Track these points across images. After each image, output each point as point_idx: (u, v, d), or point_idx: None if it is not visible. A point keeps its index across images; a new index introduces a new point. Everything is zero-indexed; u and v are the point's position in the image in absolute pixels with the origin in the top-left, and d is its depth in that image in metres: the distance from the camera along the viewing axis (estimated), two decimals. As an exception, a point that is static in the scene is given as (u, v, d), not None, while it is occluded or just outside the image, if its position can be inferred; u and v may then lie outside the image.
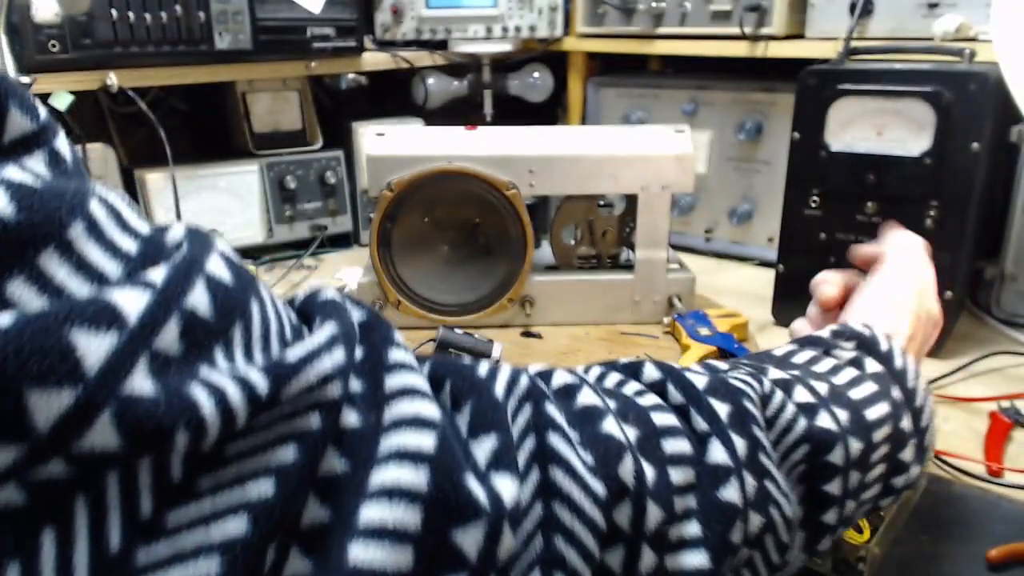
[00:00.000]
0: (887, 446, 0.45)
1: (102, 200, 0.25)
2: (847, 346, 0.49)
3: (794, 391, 0.43)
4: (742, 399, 0.40)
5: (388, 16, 1.32)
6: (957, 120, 0.82)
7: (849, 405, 0.44)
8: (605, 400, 0.37)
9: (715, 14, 1.17)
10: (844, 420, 0.43)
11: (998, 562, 0.56)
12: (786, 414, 0.41)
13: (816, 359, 0.48)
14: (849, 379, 0.46)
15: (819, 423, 0.42)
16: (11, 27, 0.87)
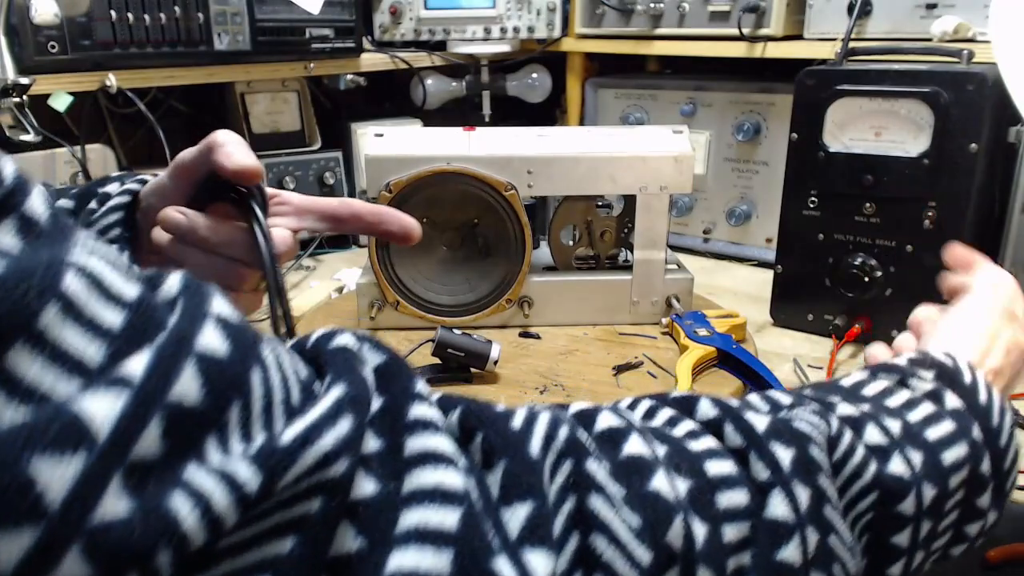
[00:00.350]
0: (963, 491, 0.41)
1: (80, 270, 0.22)
2: (926, 376, 0.44)
3: (865, 430, 0.39)
4: (807, 444, 0.36)
5: (387, 17, 1.32)
6: (955, 121, 0.82)
7: (925, 446, 0.40)
8: (654, 448, 0.33)
9: (713, 15, 1.17)
10: (918, 464, 0.39)
11: (997, 562, 0.56)
12: (855, 458, 0.37)
13: (890, 391, 0.44)
14: (925, 416, 0.42)
15: (891, 469, 0.38)
16: (10, 28, 0.87)
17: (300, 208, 0.56)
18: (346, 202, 0.56)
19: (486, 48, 1.36)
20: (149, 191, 0.55)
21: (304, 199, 0.57)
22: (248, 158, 0.50)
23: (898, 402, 0.42)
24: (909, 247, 0.88)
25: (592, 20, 1.31)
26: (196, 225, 0.51)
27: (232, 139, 0.51)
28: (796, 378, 0.85)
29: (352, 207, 0.56)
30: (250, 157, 0.50)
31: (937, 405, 0.42)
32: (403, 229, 0.56)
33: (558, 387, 0.78)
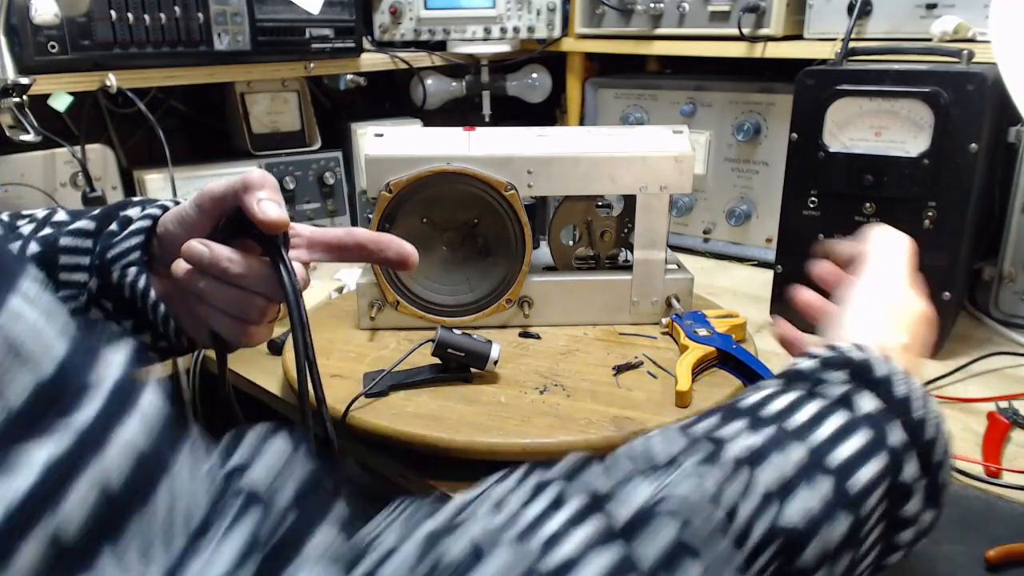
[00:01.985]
0: (884, 505, 0.38)
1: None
2: (838, 378, 0.42)
3: (761, 472, 0.36)
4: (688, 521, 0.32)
5: (387, 17, 1.32)
6: (955, 121, 0.82)
7: (831, 473, 0.37)
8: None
9: (713, 15, 1.17)
10: (826, 495, 0.36)
11: (997, 562, 0.56)
12: (747, 508, 0.34)
13: (797, 404, 0.40)
14: (836, 430, 0.38)
15: (790, 513, 0.35)
16: (10, 28, 0.87)
17: (311, 241, 0.58)
18: (351, 232, 0.58)
19: (486, 48, 1.36)
20: (171, 218, 0.56)
21: (314, 231, 0.58)
22: (278, 212, 0.51)
23: (806, 417, 0.39)
24: (909, 247, 0.88)
25: (592, 20, 1.31)
26: (218, 257, 0.52)
27: (267, 183, 0.52)
28: (796, 378, 0.85)
29: (356, 237, 0.58)
30: (280, 210, 0.52)
31: (850, 412, 0.39)
32: (400, 256, 0.58)
33: (558, 387, 0.78)
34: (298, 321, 0.51)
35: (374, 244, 0.57)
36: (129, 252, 0.55)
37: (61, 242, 0.56)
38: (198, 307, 0.54)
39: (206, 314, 0.54)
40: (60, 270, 0.56)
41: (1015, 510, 0.63)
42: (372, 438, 0.71)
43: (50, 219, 0.58)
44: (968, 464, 0.69)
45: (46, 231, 0.57)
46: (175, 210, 0.56)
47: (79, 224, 0.57)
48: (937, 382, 0.85)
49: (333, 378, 0.80)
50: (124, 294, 0.55)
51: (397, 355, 0.80)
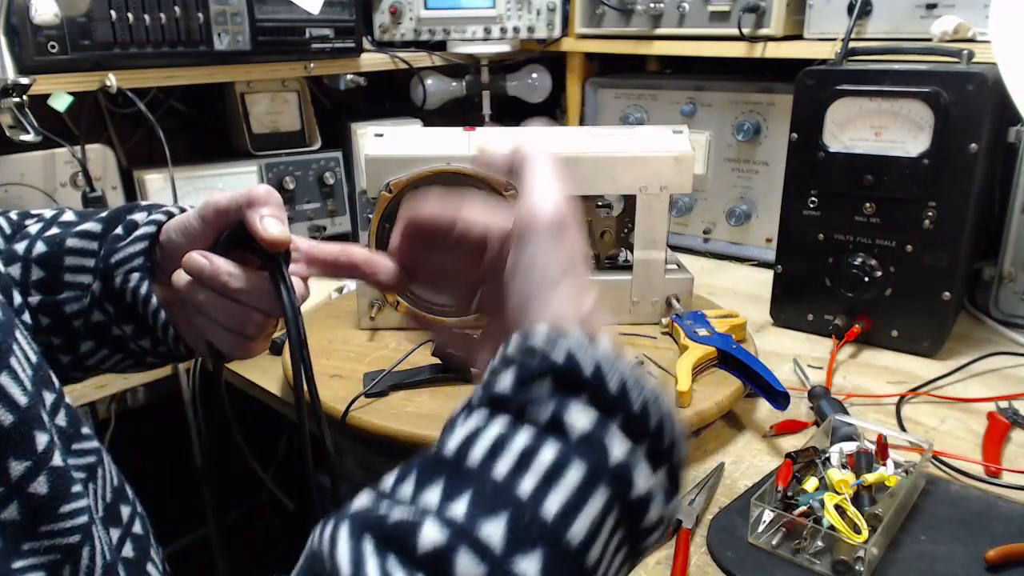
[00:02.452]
0: (618, 534, 0.35)
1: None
2: (543, 393, 0.36)
3: (456, 567, 0.31)
4: None
5: (387, 17, 1.32)
6: (955, 121, 0.82)
7: (544, 536, 0.32)
8: None
9: (713, 15, 1.17)
10: (536, 570, 0.31)
11: (996, 562, 0.56)
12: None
13: (501, 444, 0.35)
14: (543, 475, 0.33)
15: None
16: (11, 28, 0.87)
17: (309, 256, 0.58)
18: (346, 250, 0.58)
19: (486, 48, 1.36)
20: (174, 227, 0.56)
21: (311, 246, 0.58)
22: (280, 229, 0.51)
23: (508, 466, 0.34)
24: (909, 247, 0.88)
25: (592, 20, 1.31)
26: (219, 271, 0.52)
27: (271, 200, 0.52)
28: (796, 377, 0.85)
29: (351, 255, 0.57)
30: (282, 228, 0.52)
31: (560, 442, 0.34)
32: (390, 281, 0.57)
33: (558, 387, 0.77)
34: (296, 339, 0.51)
35: (367, 266, 0.57)
36: (132, 258, 0.55)
37: (68, 243, 0.56)
38: (196, 318, 0.54)
39: (204, 326, 0.54)
40: (65, 271, 0.56)
41: (1015, 510, 0.63)
42: (372, 438, 0.71)
43: (57, 219, 0.59)
44: (968, 464, 0.69)
45: (53, 231, 0.57)
46: (179, 219, 0.56)
47: (86, 226, 0.57)
48: (937, 382, 0.85)
49: (333, 378, 0.80)
50: (126, 299, 0.55)
51: (397, 355, 0.80)
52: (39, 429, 0.38)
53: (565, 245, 0.41)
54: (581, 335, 0.38)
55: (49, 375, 0.44)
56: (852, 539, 0.56)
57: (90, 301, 0.56)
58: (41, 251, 0.56)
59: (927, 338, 0.90)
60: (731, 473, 0.69)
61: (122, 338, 0.58)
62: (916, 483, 0.64)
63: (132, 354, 0.60)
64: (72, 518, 0.38)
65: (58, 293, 0.56)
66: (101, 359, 0.59)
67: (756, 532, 0.60)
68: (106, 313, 0.56)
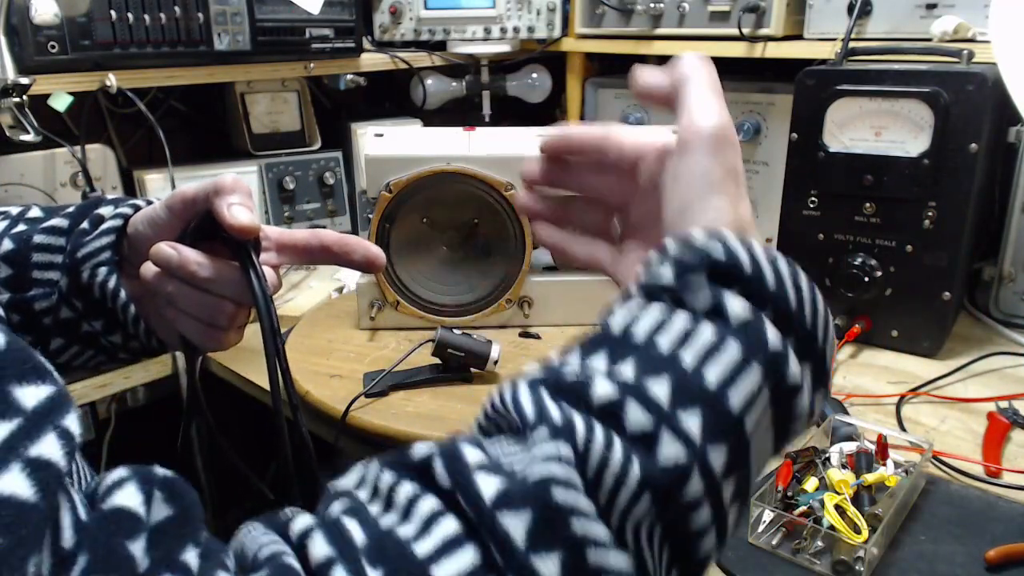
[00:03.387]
0: (769, 413, 0.36)
1: None
2: (700, 282, 0.37)
3: (626, 416, 0.33)
4: (549, 492, 0.31)
5: (387, 17, 1.32)
6: (955, 121, 0.82)
7: (705, 400, 0.34)
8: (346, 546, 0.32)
9: (713, 15, 1.17)
10: (697, 430, 0.34)
11: (996, 562, 0.56)
12: (611, 467, 0.32)
13: (663, 325, 0.37)
14: (704, 350, 0.35)
15: (662, 456, 0.33)
16: (10, 28, 0.87)
17: (279, 243, 0.57)
18: (316, 234, 0.58)
19: (486, 48, 1.36)
20: (141, 219, 0.55)
21: (282, 234, 0.58)
22: (248, 217, 0.51)
23: (671, 339, 0.36)
24: (909, 247, 0.88)
25: (592, 20, 1.31)
26: (187, 261, 0.51)
27: (239, 188, 0.51)
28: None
29: (321, 239, 0.57)
30: (250, 215, 0.51)
31: (718, 325, 0.36)
32: (366, 258, 0.57)
33: (558, 387, 0.78)
34: (268, 327, 0.50)
35: (339, 247, 0.57)
36: (99, 252, 0.54)
37: (35, 239, 0.55)
38: (166, 311, 0.53)
39: (174, 318, 0.53)
40: (33, 268, 0.55)
41: (1015, 510, 0.63)
42: (372, 438, 0.71)
43: (24, 215, 0.58)
44: (968, 464, 0.69)
45: (20, 228, 0.56)
46: (145, 211, 0.55)
47: (53, 222, 0.56)
48: (937, 382, 0.85)
49: (333, 378, 0.80)
50: (94, 294, 0.54)
51: (397, 355, 0.80)
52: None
53: (725, 156, 0.42)
54: (738, 235, 0.39)
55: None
56: (852, 539, 0.56)
57: (58, 297, 0.55)
58: (8, 248, 0.55)
59: (927, 338, 0.90)
60: (731, 473, 0.69)
61: (92, 334, 0.57)
62: (916, 483, 0.64)
63: (104, 350, 0.59)
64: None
65: (27, 290, 0.55)
66: (72, 356, 0.58)
67: (756, 532, 0.60)
68: (75, 309, 0.55)
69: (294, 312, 1.00)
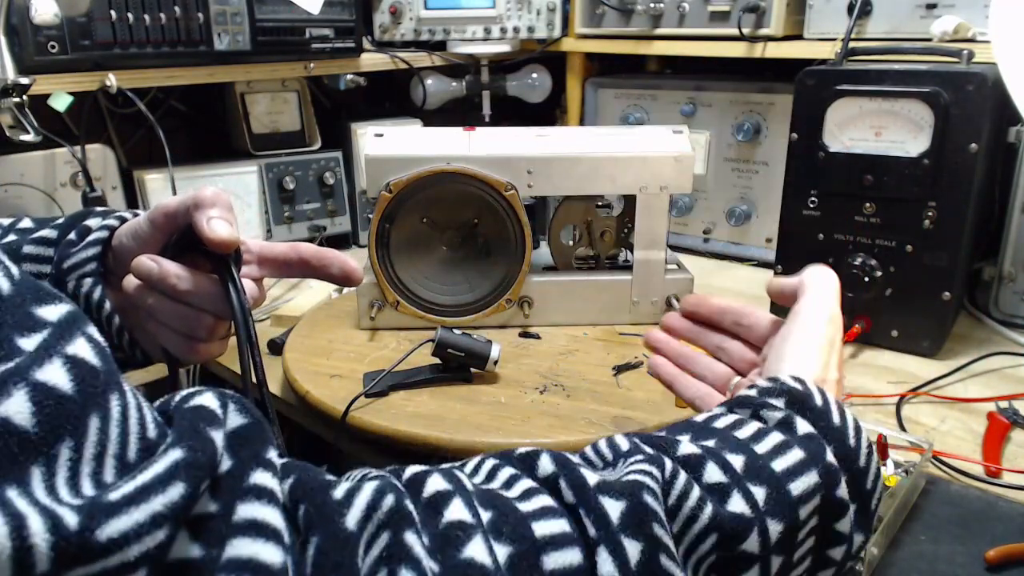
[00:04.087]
0: (817, 518, 0.40)
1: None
2: (777, 404, 0.44)
3: (705, 470, 0.39)
4: (641, 493, 0.35)
5: (387, 17, 1.32)
6: (955, 121, 0.82)
7: (770, 480, 0.39)
8: (478, 512, 0.34)
9: (713, 15, 1.17)
10: (761, 499, 0.38)
11: (996, 563, 0.56)
12: (690, 501, 0.37)
13: (740, 423, 0.43)
14: (773, 446, 0.41)
15: (730, 507, 0.37)
16: (10, 28, 0.87)
17: (260, 256, 0.58)
18: (295, 247, 0.58)
19: (486, 48, 1.36)
20: (125, 231, 0.56)
21: (263, 247, 0.58)
22: (226, 231, 0.51)
23: (747, 434, 0.42)
24: (909, 247, 0.88)
25: (592, 20, 1.31)
26: (167, 274, 0.52)
27: (218, 201, 0.52)
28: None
29: (300, 252, 0.58)
30: (230, 229, 0.51)
31: (787, 434, 0.42)
32: (343, 272, 0.58)
33: (558, 387, 0.78)
34: (245, 340, 0.50)
35: (317, 260, 0.58)
36: (85, 263, 0.55)
37: (24, 250, 0.56)
38: (147, 323, 0.54)
39: (155, 330, 0.54)
40: None
41: (1015, 510, 0.63)
42: (372, 438, 0.71)
43: (15, 226, 0.58)
44: (968, 464, 0.69)
45: (10, 238, 0.57)
46: (130, 223, 0.56)
47: (42, 233, 0.57)
48: (937, 382, 0.85)
49: (333, 378, 0.80)
50: (79, 305, 0.54)
51: (397, 355, 0.80)
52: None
53: (831, 338, 0.50)
54: (817, 387, 0.45)
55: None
56: (852, 539, 0.56)
57: None
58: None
59: (927, 338, 0.90)
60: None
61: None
62: (916, 483, 0.64)
63: None
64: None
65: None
66: None
67: (756, 532, 0.60)
68: None
69: (294, 312, 1.00)
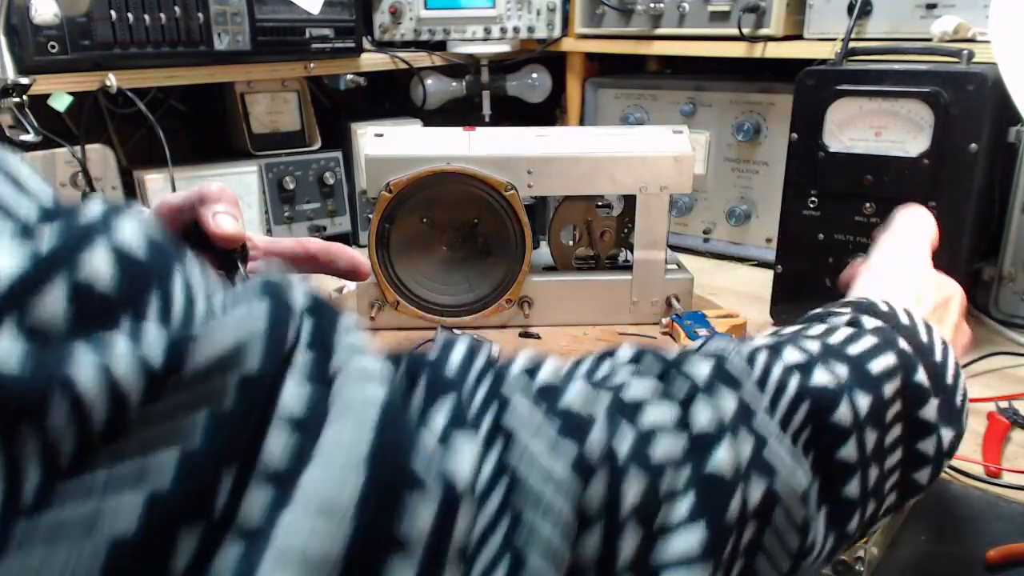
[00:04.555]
0: (900, 401, 0.39)
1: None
2: (843, 311, 0.45)
3: (783, 352, 0.39)
4: (724, 359, 0.36)
5: (387, 17, 1.32)
6: (955, 121, 0.82)
7: (849, 359, 0.39)
8: (572, 371, 0.36)
9: (713, 15, 1.17)
10: (843, 375, 0.38)
11: (997, 563, 0.56)
12: (775, 373, 0.37)
13: (807, 325, 0.44)
14: (845, 336, 0.41)
15: (815, 381, 0.37)
16: (10, 28, 0.87)
17: (267, 252, 0.58)
18: (301, 243, 0.58)
19: (486, 48, 1.36)
20: None
21: (270, 243, 0.58)
22: (233, 225, 0.51)
23: (816, 332, 0.42)
24: (909, 247, 0.88)
25: (592, 20, 1.31)
26: None
27: (224, 196, 0.52)
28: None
29: (307, 247, 0.58)
30: (235, 224, 0.51)
31: (856, 327, 0.42)
32: (350, 266, 0.58)
33: (558, 387, 0.77)
34: None
35: (324, 255, 0.58)
36: None
37: None
38: None
39: None
40: None
41: (1015, 510, 0.63)
42: (372, 438, 0.71)
43: None
44: (968, 464, 0.69)
45: None
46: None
47: None
48: (937, 382, 0.85)
49: (333, 378, 0.80)
50: None
51: (397, 355, 0.80)
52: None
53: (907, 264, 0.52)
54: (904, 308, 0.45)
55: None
56: (852, 539, 0.56)
57: None
58: None
59: (927, 338, 0.90)
60: (731, 473, 0.69)
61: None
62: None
63: None
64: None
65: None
66: None
67: (756, 532, 0.60)
68: None
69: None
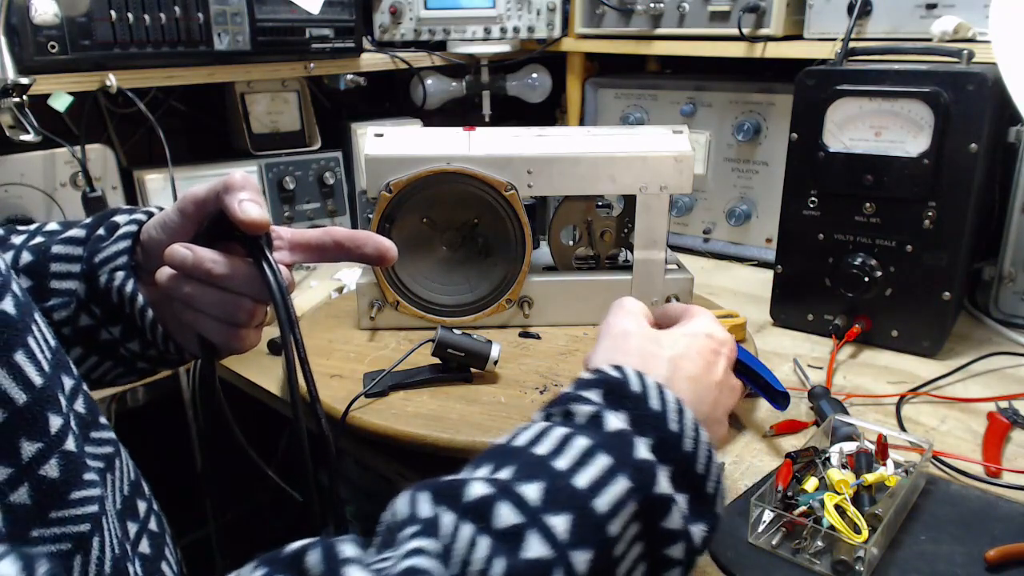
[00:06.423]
0: (638, 524, 0.38)
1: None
2: (590, 396, 0.43)
3: (496, 514, 0.36)
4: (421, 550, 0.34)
5: (387, 17, 1.32)
6: (955, 121, 0.82)
7: (572, 503, 0.37)
8: None
9: (713, 15, 1.17)
10: (564, 531, 0.36)
11: (996, 562, 0.56)
12: (475, 565, 0.34)
13: (544, 433, 0.41)
14: (575, 458, 0.39)
15: (526, 554, 0.35)
16: (10, 28, 0.87)
17: (292, 243, 0.58)
18: (328, 231, 0.58)
19: (486, 48, 1.36)
20: (155, 224, 0.56)
21: (294, 233, 0.58)
22: (259, 212, 0.51)
23: (548, 448, 0.40)
24: (909, 247, 0.88)
25: (592, 20, 1.31)
26: (202, 259, 0.51)
27: (248, 184, 0.52)
28: (796, 377, 0.85)
29: (333, 236, 0.58)
30: (261, 210, 0.52)
31: (594, 436, 0.40)
32: (378, 251, 0.57)
33: (558, 387, 0.78)
34: (286, 320, 0.50)
35: (351, 242, 0.57)
36: (116, 256, 0.55)
37: (53, 250, 0.56)
38: (184, 313, 0.53)
39: (193, 319, 0.53)
40: (51, 278, 0.56)
41: (1015, 510, 0.63)
42: (372, 438, 0.71)
43: (42, 229, 0.58)
44: (968, 464, 0.69)
45: (38, 240, 0.57)
46: (159, 216, 0.56)
47: (70, 233, 0.57)
48: (937, 382, 0.85)
49: (333, 378, 0.80)
50: (112, 299, 0.55)
51: (397, 355, 0.80)
52: (53, 411, 0.38)
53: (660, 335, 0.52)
54: (637, 372, 0.45)
55: (67, 361, 0.43)
56: (852, 539, 0.56)
57: (76, 305, 0.55)
58: (27, 260, 0.56)
59: (927, 338, 0.90)
60: (731, 473, 0.69)
61: (111, 342, 0.57)
62: (916, 483, 0.64)
63: (122, 360, 0.59)
64: (83, 505, 0.38)
65: (46, 301, 0.55)
66: (90, 368, 0.58)
67: (756, 532, 0.60)
68: (93, 316, 0.56)
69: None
